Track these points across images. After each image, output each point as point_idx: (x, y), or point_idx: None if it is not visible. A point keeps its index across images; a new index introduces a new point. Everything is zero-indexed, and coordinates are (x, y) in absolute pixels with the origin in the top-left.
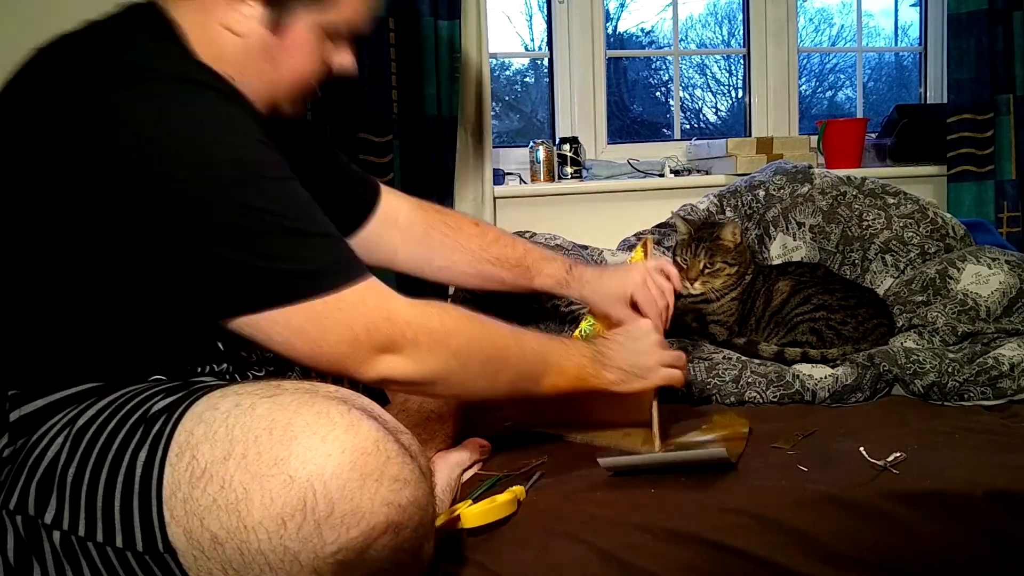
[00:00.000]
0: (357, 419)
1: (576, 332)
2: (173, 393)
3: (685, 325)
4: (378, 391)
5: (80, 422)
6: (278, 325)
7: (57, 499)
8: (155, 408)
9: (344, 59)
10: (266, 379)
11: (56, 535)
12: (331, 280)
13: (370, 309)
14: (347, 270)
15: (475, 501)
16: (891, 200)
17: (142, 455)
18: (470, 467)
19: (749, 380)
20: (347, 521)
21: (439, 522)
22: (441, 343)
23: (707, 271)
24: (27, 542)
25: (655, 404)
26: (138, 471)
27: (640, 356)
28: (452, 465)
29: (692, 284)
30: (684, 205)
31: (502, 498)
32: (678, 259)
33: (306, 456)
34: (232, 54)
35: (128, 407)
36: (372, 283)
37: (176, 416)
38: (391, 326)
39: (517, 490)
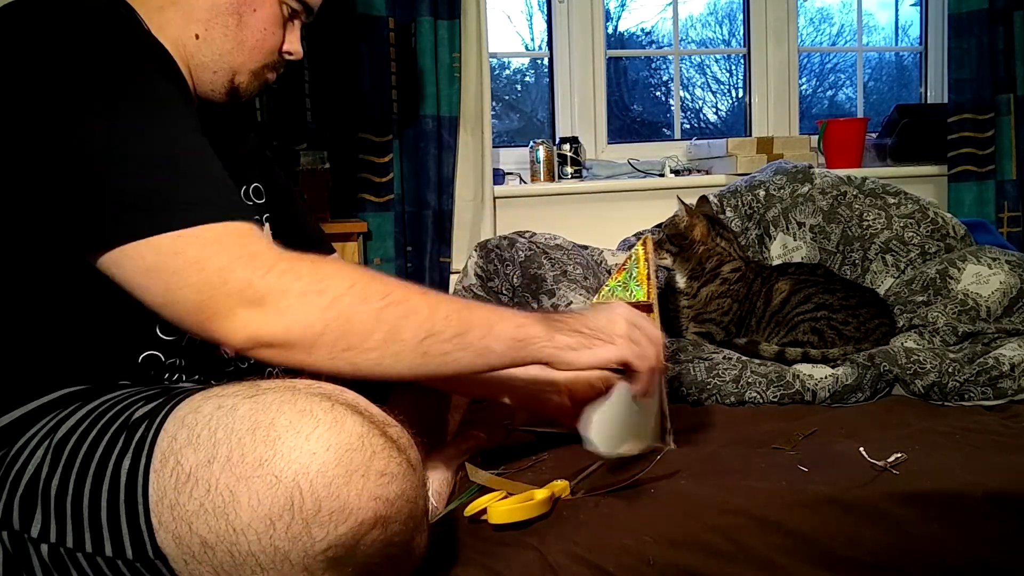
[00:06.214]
0: (341, 415)
1: (599, 294)
2: (154, 399)
3: (679, 325)
4: (374, 390)
5: (60, 432)
6: (132, 264)
7: (42, 512)
8: (136, 415)
9: (294, 42)
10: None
11: (44, 548)
12: (186, 215)
13: (226, 247)
14: (211, 208)
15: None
16: (891, 200)
17: (126, 463)
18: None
19: (749, 380)
20: (335, 518)
21: (468, 512)
22: (314, 290)
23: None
24: (15, 556)
25: (664, 394)
26: (123, 479)
27: (607, 321)
28: (448, 460)
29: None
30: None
31: (540, 495)
32: None
33: (290, 455)
34: (201, 9)
35: (108, 415)
36: (240, 225)
37: (158, 421)
38: (250, 269)
39: (559, 485)
